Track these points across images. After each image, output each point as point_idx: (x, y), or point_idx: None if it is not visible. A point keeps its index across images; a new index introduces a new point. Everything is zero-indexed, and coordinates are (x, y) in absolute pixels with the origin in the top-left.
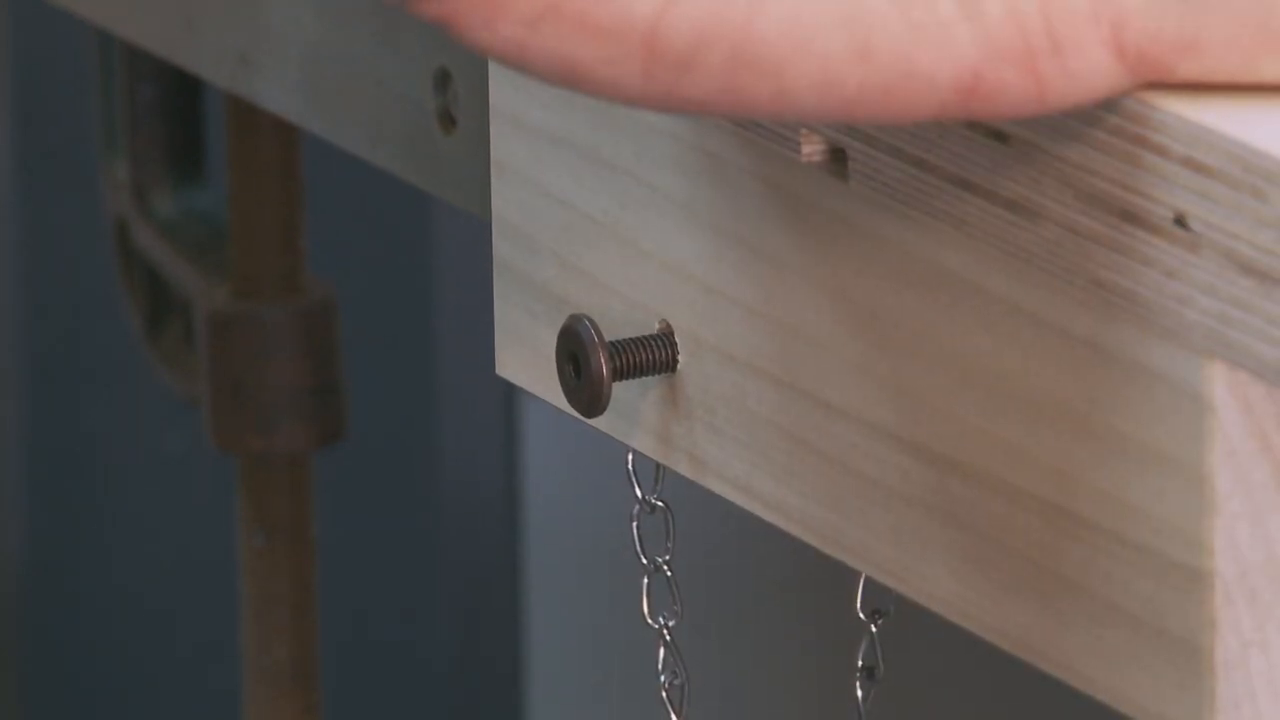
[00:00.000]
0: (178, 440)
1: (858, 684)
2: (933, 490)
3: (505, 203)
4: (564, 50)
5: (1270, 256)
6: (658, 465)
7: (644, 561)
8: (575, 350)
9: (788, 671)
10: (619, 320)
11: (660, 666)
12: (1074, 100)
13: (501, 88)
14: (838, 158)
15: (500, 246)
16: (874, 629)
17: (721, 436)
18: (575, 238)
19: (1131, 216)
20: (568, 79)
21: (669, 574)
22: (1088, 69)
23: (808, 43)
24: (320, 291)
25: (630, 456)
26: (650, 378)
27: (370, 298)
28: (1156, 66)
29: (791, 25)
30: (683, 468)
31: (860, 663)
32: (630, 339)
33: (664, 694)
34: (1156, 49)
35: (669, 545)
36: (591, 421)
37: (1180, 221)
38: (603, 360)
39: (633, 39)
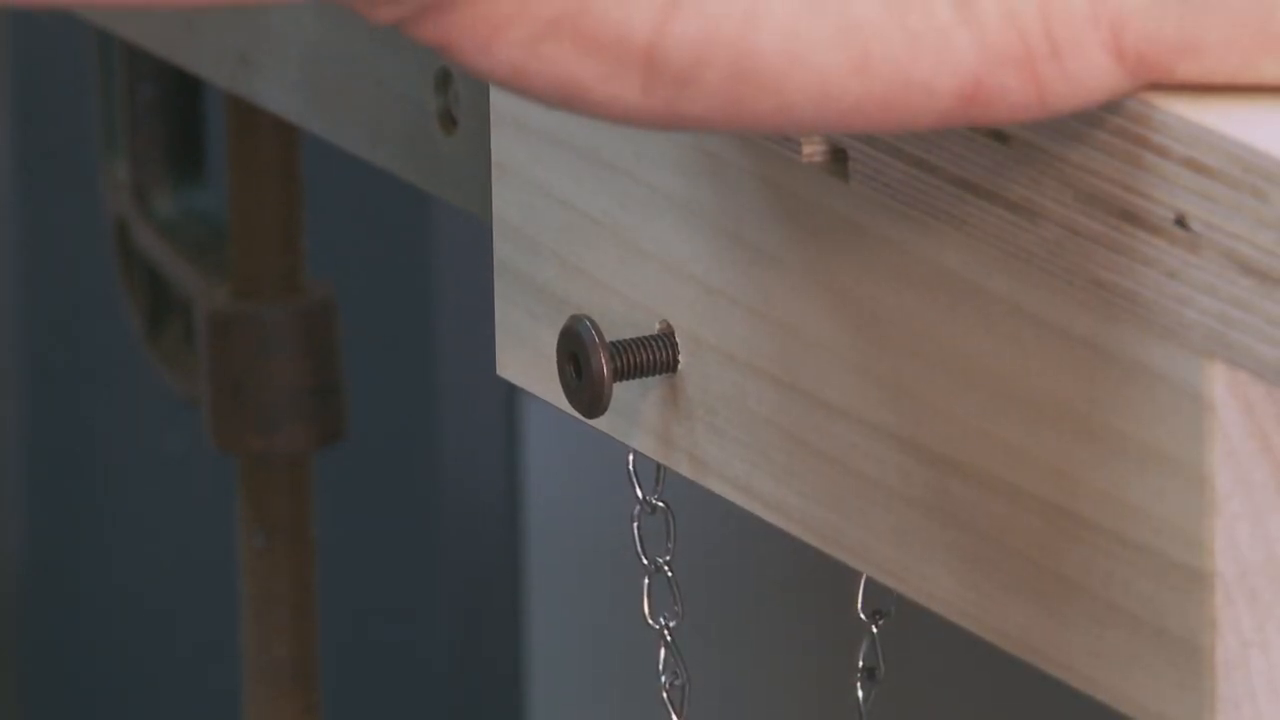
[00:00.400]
0: (178, 440)
1: (858, 685)
2: (933, 490)
3: (506, 203)
4: (563, 70)
5: (1270, 257)
6: (658, 466)
7: (645, 562)
8: (576, 351)
9: (789, 672)
10: (619, 321)
11: (661, 667)
12: (1074, 103)
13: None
14: (838, 158)
15: (501, 247)
16: (875, 629)
17: (722, 437)
18: (575, 238)
19: (1132, 217)
20: (567, 99)
21: (670, 574)
22: (1087, 72)
23: (806, 56)
24: (320, 291)
25: (631, 457)
26: (651, 378)
27: (370, 298)
28: (1156, 68)
29: (789, 40)
30: (683, 468)
31: (861, 663)
32: (631, 339)
33: (665, 694)
34: (1156, 51)
35: (670, 546)
36: (592, 422)
37: (1181, 222)
38: (603, 361)
39: (633, 56)
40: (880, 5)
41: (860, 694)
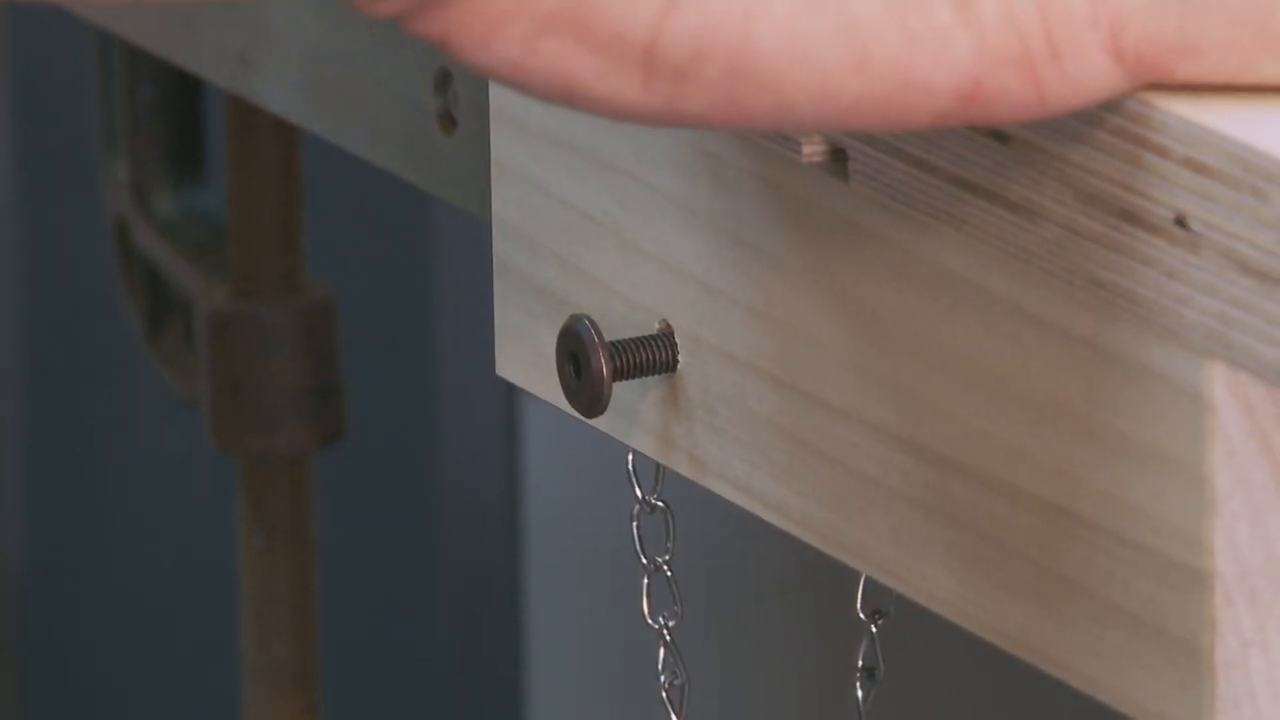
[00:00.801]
0: (178, 440)
1: (858, 684)
2: (933, 490)
3: (505, 203)
4: (562, 65)
5: (1270, 257)
6: (658, 465)
7: (644, 562)
8: (575, 350)
9: (788, 672)
10: (619, 320)
11: (660, 667)
12: (1074, 104)
13: (502, 89)
14: (838, 158)
15: (500, 247)
16: (874, 629)
17: (722, 437)
18: (575, 238)
19: (1132, 217)
20: (566, 95)
21: (669, 574)
22: (1087, 73)
23: (806, 54)
24: (320, 291)
25: (630, 457)
26: (650, 378)
27: (370, 298)
28: (1155, 69)
29: (789, 37)
30: (683, 468)
31: (860, 663)
32: (630, 339)
33: (664, 694)
34: (1155, 51)
35: (669, 545)
36: (592, 422)
37: (1181, 222)
38: (603, 360)
39: (632, 51)
40: (880, 4)
41: (860, 694)
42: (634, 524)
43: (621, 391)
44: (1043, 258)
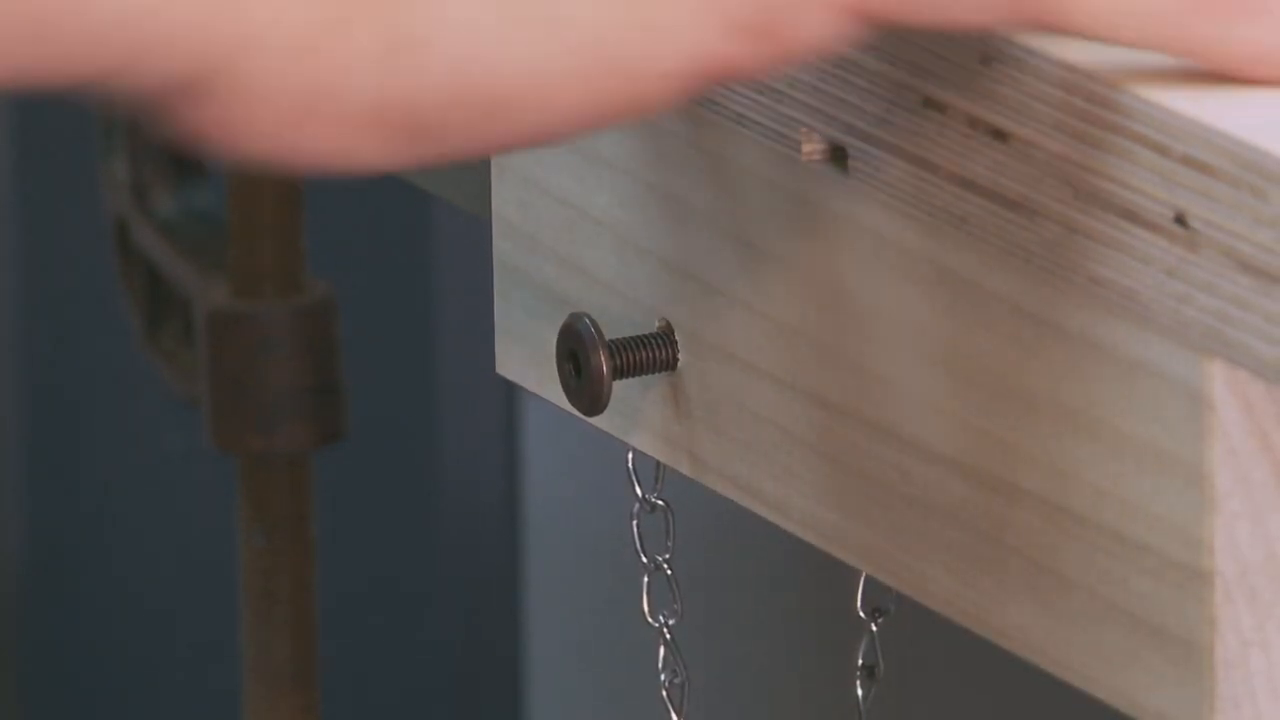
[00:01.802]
0: (178, 440)
1: (858, 683)
2: (933, 489)
3: (505, 201)
4: (326, 146)
5: (1269, 255)
6: (658, 464)
7: (644, 560)
8: (575, 349)
9: (788, 671)
10: (619, 319)
11: (660, 665)
12: (808, 56)
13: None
14: (838, 156)
15: (500, 245)
16: (874, 628)
17: (722, 435)
18: (575, 237)
19: (1131, 215)
20: (337, 167)
21: (669, 573)
22: (812, 30)
23: (547, 84)
24: (320, 291)
25: (630, 455)
26: (651, 376)
27: (370, 298)
28: (868, 8)
29: (530, 76)
30: (683, 466)
31: (861, 662)
32: (630, 337)
33: (664, 693)
34: None
35: (669, 544)
36: (592, 420)
37: (1180, 220)
38: (603, 359)
39: (391, 119)
40: (593, 4)
41: (860, 692)
42: (634, 523)
43: (621, 390)
44: (1042, 256)
